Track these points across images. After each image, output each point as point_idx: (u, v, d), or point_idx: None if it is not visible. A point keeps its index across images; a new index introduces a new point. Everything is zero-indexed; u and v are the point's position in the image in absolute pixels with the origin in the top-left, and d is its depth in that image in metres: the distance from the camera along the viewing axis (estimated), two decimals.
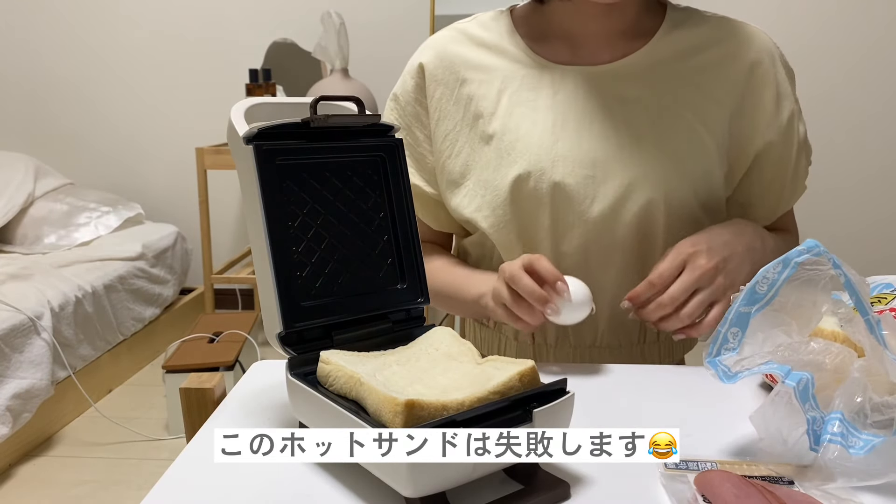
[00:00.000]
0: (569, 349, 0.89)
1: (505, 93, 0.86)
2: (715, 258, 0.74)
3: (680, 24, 0.87)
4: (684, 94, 0.84)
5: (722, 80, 0.85)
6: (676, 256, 0.75)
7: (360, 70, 2.82)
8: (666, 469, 0.53)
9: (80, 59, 3.07)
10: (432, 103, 0.90)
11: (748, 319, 0.55)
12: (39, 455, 2.02)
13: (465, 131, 0.88)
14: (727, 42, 0.86)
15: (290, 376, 0.56)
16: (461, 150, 0.88)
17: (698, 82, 0.84)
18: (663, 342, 0.91)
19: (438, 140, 0.90)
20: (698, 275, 0.73)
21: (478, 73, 0.88)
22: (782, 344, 0.56)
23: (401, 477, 0.45)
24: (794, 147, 0.88)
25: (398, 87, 0.94)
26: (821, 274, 0.54)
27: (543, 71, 0.86)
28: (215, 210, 2.91)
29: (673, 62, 0.85)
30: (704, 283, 0.74)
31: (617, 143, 0.82)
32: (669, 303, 0.73)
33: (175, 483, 0.54)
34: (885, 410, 0.53)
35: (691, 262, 0.74)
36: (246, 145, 0.57)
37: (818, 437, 0.52)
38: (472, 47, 0.89)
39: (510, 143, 0.84)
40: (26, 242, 2.63)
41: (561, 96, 0.84)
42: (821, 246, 0.54)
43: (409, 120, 0.92)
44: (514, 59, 0.87)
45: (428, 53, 0.91)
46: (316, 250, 0.59)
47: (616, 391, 0.70)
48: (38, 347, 2.02)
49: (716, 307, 0.74)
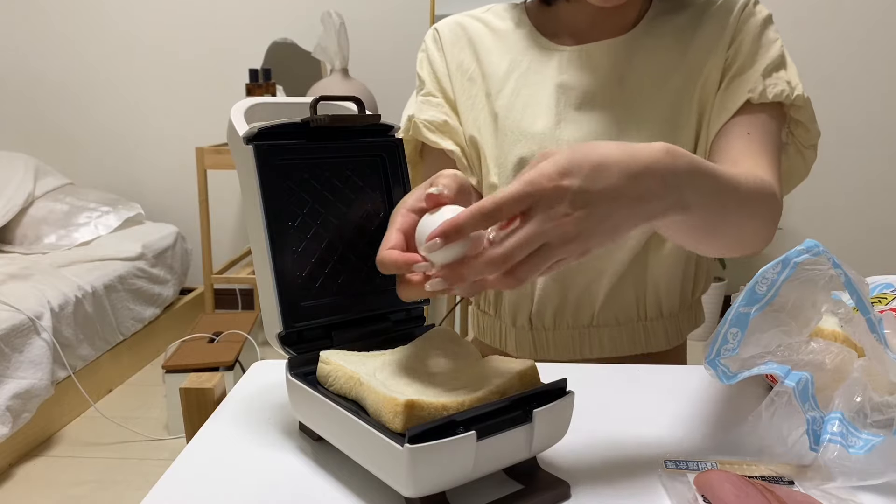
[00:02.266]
0: (567, 330, 0.90)
1: (512, 74, 0.89)
2: (585, 205, 0.48)
3: (668, 9, 0.88)
4: (680, 65, 0.85)
5: (712, 42, 0.84)
6: (530, 187, 0.47)
7: (360, 70, 2.82)
8: (666, 469, 0.53)
9: (79, 58, 3.07)
10: (452, 66, 0.93)
11: (748, 320, 0.55)
12: (39, 455, 2.02)
13: (478, 105, 0.91)
14: (707, 11, 0.86)
15: (290, 376, 0.56)
16: (476, 119, 0.90)
17: (692, 49, 0.85)
18: (667, 318, 0.91)
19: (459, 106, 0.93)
20: (552, 226, 0.47)
21: (488, 54, 0.91)
22: (782, 344, 0.56)
23: (401, 477, 0.45)
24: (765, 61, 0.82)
25: (421, 55, 0.96)
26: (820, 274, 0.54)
27: (551, 53, 0.88)
28: (215, 210, 2.91)
29: (663, 37, 0.86)
30: (555, 239, 0.48)
31: (616, 125, 0.84)
32: (501, 260, 0.47)
33: (175, 483, 0.54)
34: (886, 410, 0.53)
35: (545, 203, 0.47)
36: (246, 145, 0.57)
37: (818, 437, 0.52)
38: (485, 30, 0.93)
39: (514, 123, 0.87)
40: (26, 242, 2.63)
41: (566, 76, 0.86)
42: (820, 246, 0.54)
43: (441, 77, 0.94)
44: (523, 45, 0.90)
45: (444, 28, 0.95)
46: (316, 250, 0.59)
47: (616, 391, 0.70)
48: (38, 347, 2.02)
49: (552, 267, 0.50)
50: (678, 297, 0.90)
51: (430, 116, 0.90)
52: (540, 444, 0.50)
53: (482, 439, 0.46)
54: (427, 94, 0.93)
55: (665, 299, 0.89)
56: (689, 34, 0.86)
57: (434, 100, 0.92)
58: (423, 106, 0.92)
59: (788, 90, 0.81)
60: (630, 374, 0.75)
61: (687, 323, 0.93)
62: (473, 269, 0.48)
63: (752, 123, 0.81)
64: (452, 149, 0.90)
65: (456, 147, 0.90)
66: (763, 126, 0.81)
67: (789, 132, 0.87)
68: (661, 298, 0.89)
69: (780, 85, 0.81)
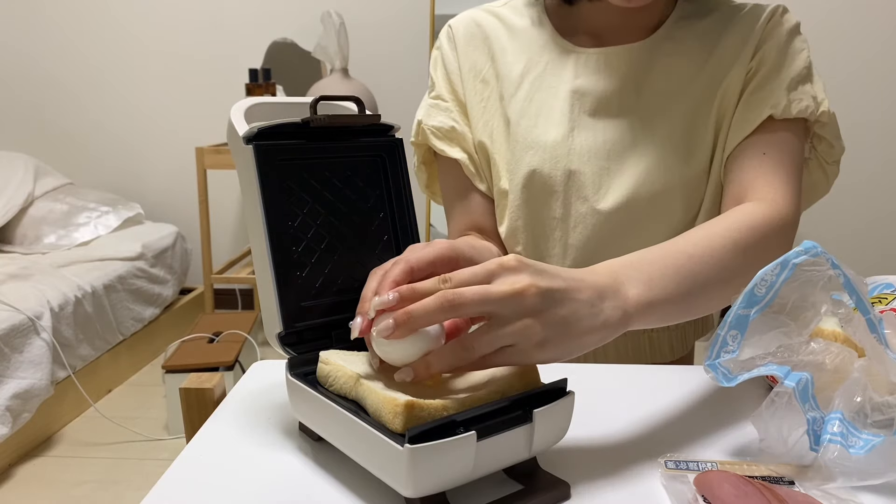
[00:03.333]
0: None
1: (527, 77, 0.87)
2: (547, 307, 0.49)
3: (692, 12, 0.86)
4: (700, 73, 0.82)
5: (735, 51, 0.82)
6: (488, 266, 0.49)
7: (360, 70, 2.82)
8: (666, 469, 0.53)
9: (79, 58, 3.07)
10: (464, 68, 0.92)
11: (747, 322, 0.55)
12: (39, 455, 2.02)
13: (490, 108, 0.89)
14: (733, 19, 0.84)
15: (290, 376, 0.55)
16: (488, 123, 0.89)
17: (714, 56, 0.83)
18: (673, 329, 0.89)
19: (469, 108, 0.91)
20: (510, 293, 0.48)
21: (503, 53, 0.89)
22: (782, 345, 0.56)
23: (401, 477, 0.45)
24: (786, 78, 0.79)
25: (434, 53, 0.95)
26: (819, 275, 0.54)
27: (568, 56, 0.86)
28: (215, 210, 2.91)
29: (685, 42, 0.84)
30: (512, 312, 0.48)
31: (631, 133, 0.82)
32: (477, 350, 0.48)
33: (175, 483, 0.54)
34: (886, 410, 0.53)
35: (504, 275, 0.49)
36: (246, 145, 0.57)
37: (818, 437, 0.52)
38: (501, 28, 0.91)
39: (527, 131, 0.85)
40: (26, 242, 2.63)
41: (581, 80, 0.85)
42: (818, 247, 0.54)
43: (453, 77, 0.93)
44: (540, 44, 0.88)
45: (458, 25, 0.93)
46: (316, 250, 0.59)
47: (616, 391, 0.70)
48: (38, 347, 2.02)
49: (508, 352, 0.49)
50: None
51: (438, 123, 0.90)
52: (540, 444, 0.50)
53: (482, 439, 0.46)
54: (436, 97, 0.92)
55: None
56: (712, 40, 0.83)
57: (443, 104, 0.91)
58: (432, 111, 0.91)
59: (813, 106, 0.78)
60: (630, 374, 0.75)
61: (693, 333, 0.92)
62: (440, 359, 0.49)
63: (769, 142, 0.78)
64: (459, 157, 0.89)
65: (463, 154, 0.89)
66: (782, 144, 0.78)
67: (812, 147, 0.84)
68: None
69: (805, 101, 0.78)
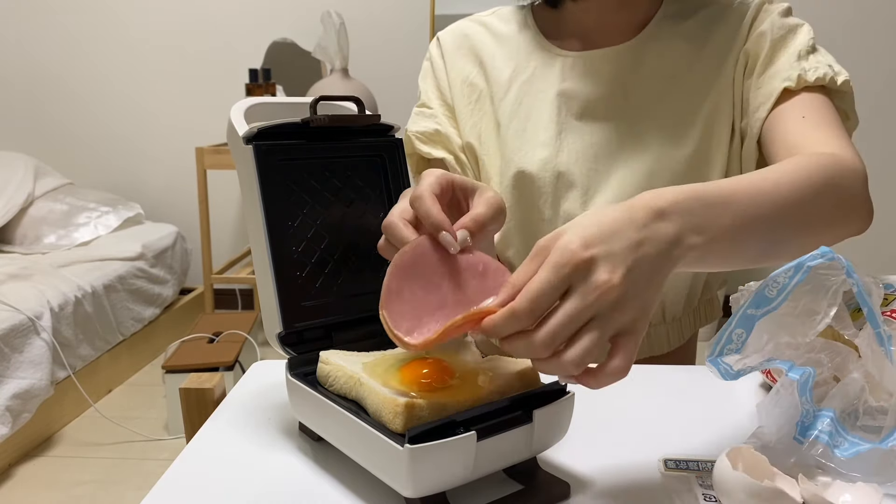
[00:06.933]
0: None
1: (516, 81, 0.88)
2: (618, 266, 0.45)
3: (677, 11, 0.85)
4: (688, 74, 0.82)
5: (725, 49, 0.81)
6: (562, 269, 0.44)
7: (360, 70, 2.82)
8: (666, 469, 0.53)
9: (79, 58, 3.07)
10: (452, 74, 0.92)
11: (754, 322, 0.54)
12: (39, 455, 2.02)
13: (479, 110, 0.90)
14: (721, 16, 0.83)
15: (290, 376, 0.55)
16: (476, 125, 0.90)
17: (703, 56, 0.82)
18: (670, 323, 0.89)
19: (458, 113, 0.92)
20: (594, 298, 0.44)
21: (492, 59, 0.90)
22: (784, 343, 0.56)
23: (401, 477, 0.45)
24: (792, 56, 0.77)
25: (425, 65, 0.95)
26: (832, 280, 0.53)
27: (555, 60, 0.87)
28: (215, 210, 2.91)
29: (671, 41, 0.83)
30: (604, 308, 0.44)
31: (618, 136, 0.82)
32: (547, 342, 0.44)
33: (175, 483, 0.54)
34: (878, 417, 0.53)
35: (580, 278, 0.44)
36: (246, 145, 0.57)
37: (805, 430, 0.52)
38: (488, 36, 0.92)
39: (516, 134, 0.86)
40: (26, 242, 2.63)
41: (568, 84, 0.85)
42: (833, 252, 0.54)
43: (443, 85, 0.93)
44: (528, 49, 0.89)
45: (446, 36, 0.94)
46: (316, 250, 0.59)
47: (616, 391, 0.70)
48: (38, 347, 2.02)
49: (622, 344, 0.46)
50: (683, 304, 0.89)
51: (422, 127, 0.90)
52: (540, 445, 0.50)
53: (482, 439, 0.46)
54: (421, 105, 0.93)
55: (670, 307, 0.88)
56: (701, 39, 0.82)
57: (427, 111, 0.92)
58: (416, 118, 0.93)
59: (832, 73, 0.75)
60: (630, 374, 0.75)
61: (690, 325, 0.91)
62: (517, 349, 0.45)
63: (802, 106, 0.74)
64: (443, 156, 0.89)
65: (448, 154, 0.90)
66: (817, 107, 0.74)
67: None
68: (666, 306, 0.88)
69: (822, 68, 0.75)
